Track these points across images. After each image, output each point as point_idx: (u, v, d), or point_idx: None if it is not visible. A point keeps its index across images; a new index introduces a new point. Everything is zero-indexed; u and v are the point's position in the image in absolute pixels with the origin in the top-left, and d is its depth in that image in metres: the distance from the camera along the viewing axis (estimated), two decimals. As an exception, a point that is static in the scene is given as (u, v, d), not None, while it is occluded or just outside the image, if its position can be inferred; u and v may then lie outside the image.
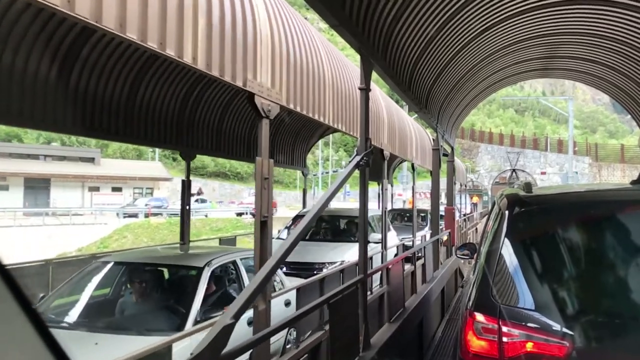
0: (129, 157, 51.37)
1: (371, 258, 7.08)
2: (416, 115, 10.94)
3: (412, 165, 9.20)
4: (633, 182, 3.56)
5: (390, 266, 6.05)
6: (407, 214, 17.31)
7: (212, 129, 8.69)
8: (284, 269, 7.40)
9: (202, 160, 49.06)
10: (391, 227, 11.58)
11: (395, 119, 7.81)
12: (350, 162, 4.69)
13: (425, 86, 8.77)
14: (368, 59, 5.11)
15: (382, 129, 6.78)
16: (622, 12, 7.52)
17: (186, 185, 8.27)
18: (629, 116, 13.08)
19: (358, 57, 5.13)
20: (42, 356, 0.62)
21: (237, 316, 2.48)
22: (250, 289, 2.72)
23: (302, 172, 13.07)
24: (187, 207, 8.45)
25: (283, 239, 9.31)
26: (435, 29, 7.04)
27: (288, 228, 10.37)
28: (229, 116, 9.05)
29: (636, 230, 2.86)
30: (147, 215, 36.12)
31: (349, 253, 8.34)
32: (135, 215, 36.27)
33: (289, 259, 7.41)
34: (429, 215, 15.77)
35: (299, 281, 5.39)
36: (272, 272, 2.97)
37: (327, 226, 10.61)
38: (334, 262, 7.91)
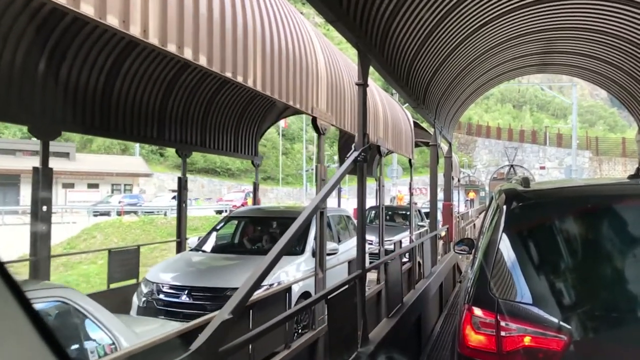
0: (113, 152, 49.91)
1: (288, 291, 4.80)
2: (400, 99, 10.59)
3: (378, 148, 7.31)
4: (631, 177, 3.57)
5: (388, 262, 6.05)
6: (389, 213, 15.47)
7: (83, 97, 6.39)
8: (183, 297, 5.77)
9: (191, 156, 48.50)
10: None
11: (345, 76, 6.00)
12: (347, 157, 4.69)
13: (422, 82, 8.76)
14: (365, 55, 5.11)
15: (316, 89, 4.98)
16: (620, 7, 7.52)
17: (40, 174, 5.87)
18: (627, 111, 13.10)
19: (354, 51, 5.13)
20: (43, 355, 0.62)
21: (235, 311, 2.48)
22: (248, 285, 2.72)
23: (252, 162, 11.00)
24: (40, 207, 5.73)
25: (205, 252, 7.38)
26: (432, 25, 7.03)
27: (216, 230, 8.05)
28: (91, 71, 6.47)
29: (633, 225, 2.87)
30: (119, 214, 34.14)
31: (287, 269, 6.23)
32: (107, 214, 34.52)
33: (191, 282, 5.92)
34: (416, 214, 14.55)
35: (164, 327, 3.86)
36: (271, 266, 2.98)
37: (260, 232, 7.97)
38: (261, 287, 5.71)
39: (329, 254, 6.46)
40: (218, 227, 8.14)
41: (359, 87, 4.97)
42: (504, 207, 3.03)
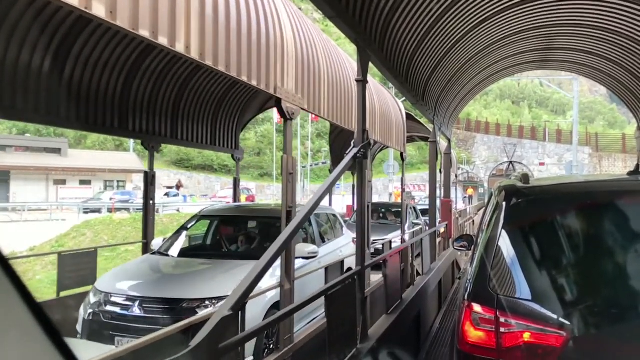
0: (107, 148, 49.11)
1: (242, 308, 3.32)
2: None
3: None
4: (630, 173, 3.58)
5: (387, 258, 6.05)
6: (382, 210, 14.42)
7: (24, 80, 5.59)
8: (134, 309, 4.91)
9: (187, 152, 48.23)
10: (344, 229, 8.73)
11: (322, 56, 5.06)
12: (346, 154, 4.69)
13: (422, 78, 8.75)
14: (365, 51, 5.10)
15: (282, 66, 4.23)
16: (620, 3, 7.51)
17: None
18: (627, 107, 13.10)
19: (353, 46, 5.12)
20: (50, 354, 0.61)
21: (235, 308, 2.49)
22: (248, 281, 2.73)
23: (233, 156, 10.15)
24: None
25: (169, 256, 6.37)
26: (432, 21, 7.02)
27: (187, 229, 7.11)
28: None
29: (633, 221, 2.87)
30: (110, 210, 33.56)
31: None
32: (98, 211, 33.95)
33: (143, 292, 5.08)
34: (411, 211, 14.06)
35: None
36: (270, 263, 2.97)
37: (235, 233, 7.13)
38: (223, 297, 4.54)
39: (306, 258, 5.91)
40: (188, 227, 7.18)
41: (359, 83, 4.96)
42: (504, 203, 3.04)
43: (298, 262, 5.33)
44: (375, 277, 6.92)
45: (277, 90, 4.14)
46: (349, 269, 6.84)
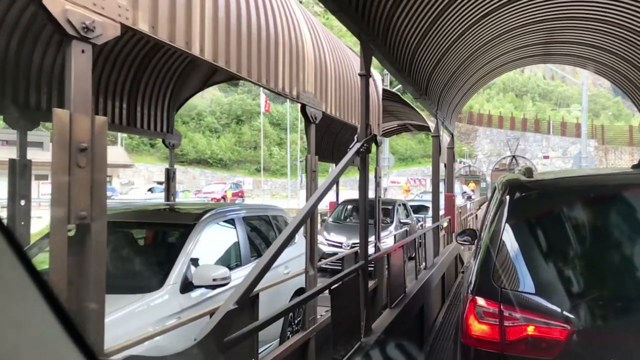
0: None
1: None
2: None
3: (304, 108, 4.45)
4: (634, 167, 3.58)
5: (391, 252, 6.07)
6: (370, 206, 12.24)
7: None
8: None
9: (182, 146, 47.64)
10: (297, 236, 6.22)
11: None
12: (350, 149, 4.69)
13: (425, 72, 8.73)
14: (368, 45, 5.09)
15: None
16: None
17: None
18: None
19: (354, 39, 5.11)
20: (69, 350, 0.62)
21: (240, 302, 2.50)
22: (252, 276, 2.74)
23: (165, 142, 7.95)
24: None
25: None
26: (435, 14, 7.00)
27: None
28: None
29: (636, 214, 2.88)
30: None
31: (119, 323, 3.14)
32: None
33: None
34: (400, 209, 13.53)
35: None
36: (274, 258, 2.99)
37: (118, 248, 4.67)
38: None
39: (210, 287, 3.90)
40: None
41: (362, 77, 4.95)
42: (507, 197, 3.04)
43: (200, 293, 3.83)
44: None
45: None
46: (300, 289, 5.36)
